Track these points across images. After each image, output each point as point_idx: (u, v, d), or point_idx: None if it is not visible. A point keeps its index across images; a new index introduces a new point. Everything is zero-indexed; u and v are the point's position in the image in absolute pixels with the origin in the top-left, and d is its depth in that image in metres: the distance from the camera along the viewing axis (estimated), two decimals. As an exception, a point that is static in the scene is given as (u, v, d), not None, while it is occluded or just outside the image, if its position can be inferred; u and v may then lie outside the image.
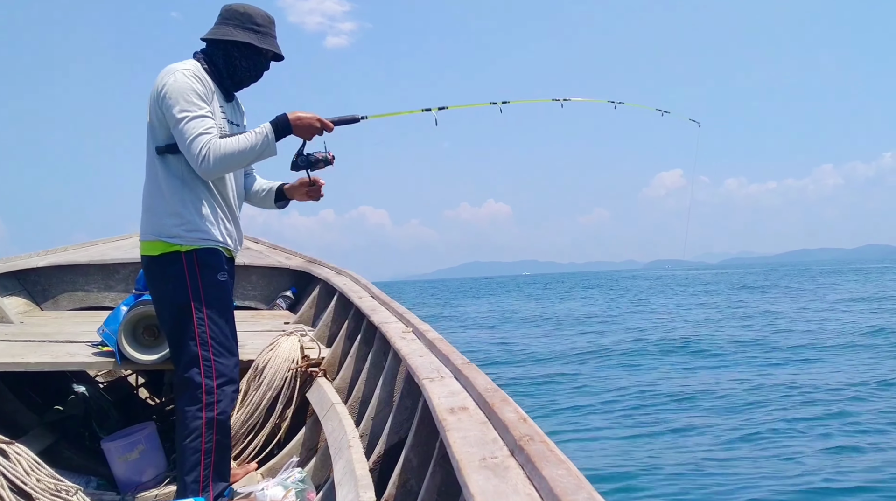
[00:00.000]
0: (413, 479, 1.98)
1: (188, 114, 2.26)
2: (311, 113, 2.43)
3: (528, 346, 16.76)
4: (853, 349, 13.91)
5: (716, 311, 25.98)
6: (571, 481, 1.08)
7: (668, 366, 12.74)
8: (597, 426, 8.38)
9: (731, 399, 9.44)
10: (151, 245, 2.40)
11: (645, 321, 23.16)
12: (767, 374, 11.34)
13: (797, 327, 18.66)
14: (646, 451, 7.10)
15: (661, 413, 8.86)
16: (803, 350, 14.02)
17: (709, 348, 14.79)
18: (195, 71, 2.36)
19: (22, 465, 2.21)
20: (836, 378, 10.64)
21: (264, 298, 5.19)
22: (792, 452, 6.83)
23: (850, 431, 7.51)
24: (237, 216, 2.57)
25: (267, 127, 2.37)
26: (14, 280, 4.73)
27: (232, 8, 2.47)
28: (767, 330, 18.07)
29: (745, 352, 14.02)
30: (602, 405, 9.50)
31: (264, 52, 2.48)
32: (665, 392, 10.19)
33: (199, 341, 2.37)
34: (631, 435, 7.82)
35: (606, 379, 11.54)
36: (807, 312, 23.55)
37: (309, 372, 3.29)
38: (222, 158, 2.27)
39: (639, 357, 14.03)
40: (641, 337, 17.55)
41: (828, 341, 15.17)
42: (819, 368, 11.82)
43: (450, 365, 2.07)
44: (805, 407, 8.67)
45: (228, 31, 2.43)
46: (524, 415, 1.44)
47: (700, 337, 16.76)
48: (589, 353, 14.78)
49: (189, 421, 2.35)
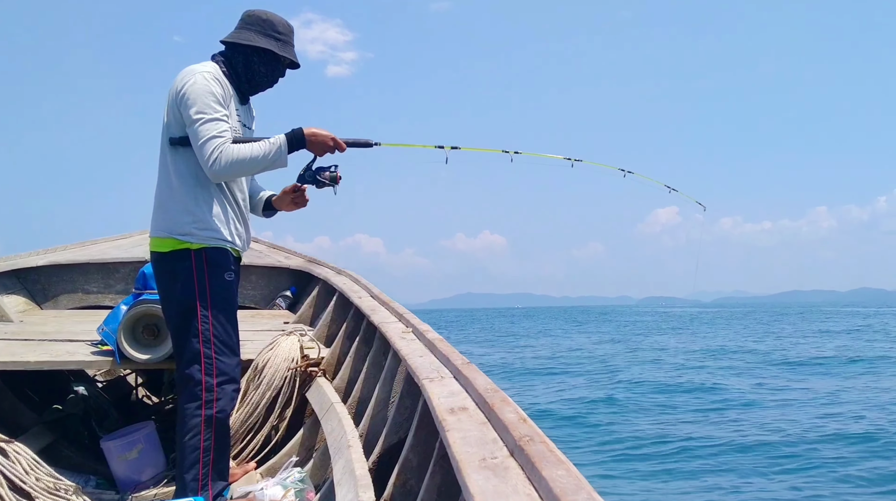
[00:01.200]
0: (413, 479, 1.98)
1: (204, 116, 2.28)
2: (327, 131, 2.46)
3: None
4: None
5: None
6: (571, 481, 1.08)
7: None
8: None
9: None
10: (162, 241, 2.41)
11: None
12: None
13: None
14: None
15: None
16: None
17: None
18: (215, 74, 2.38)
19: (21, 464, 2.21)
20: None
21: (264, 298, 5.19)
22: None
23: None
24: (247, 217, 2.59)
25: (281, 138, 2.38)
26: (14, 279, 4.73)
27: (254, 14, 2.49)
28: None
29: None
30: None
31: (283, 59, 2.51)
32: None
33: (203, 338, 2.38)
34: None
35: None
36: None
37: (308, 371, 3.29)
38: (233, 163, 2.29)
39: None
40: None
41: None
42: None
43: (450, 365, 2.07)
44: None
45: (250, 36, 2.45)
46: (524, 416, 1.44)
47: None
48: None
49: (188, 419, 2.36)
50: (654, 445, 9.16)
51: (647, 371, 18.27)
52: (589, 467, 7.72)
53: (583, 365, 20.51)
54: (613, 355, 23.71)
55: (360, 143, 2.58)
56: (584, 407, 12.29)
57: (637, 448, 9.02)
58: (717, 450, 8.76)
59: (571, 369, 19.44)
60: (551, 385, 15.72)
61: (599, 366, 19.92)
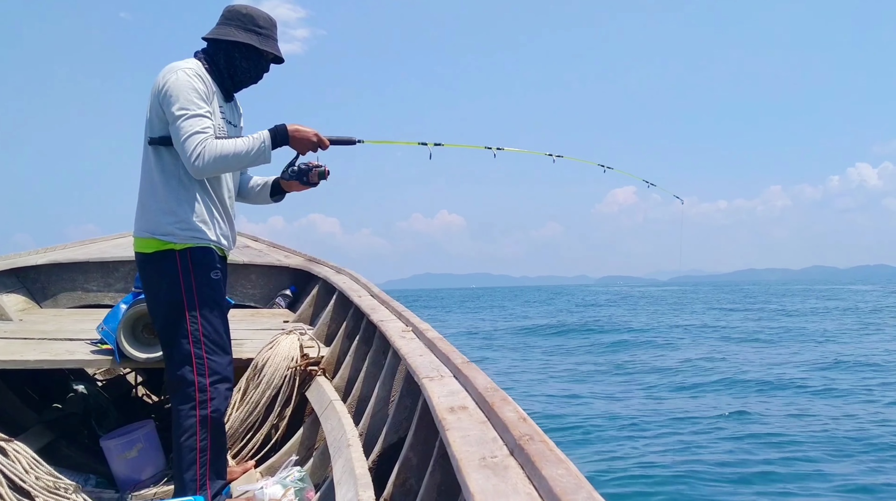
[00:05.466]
0: (412, 478, 1.98)
1: (186, 112, 2.26)
2: (310, 128, 2.46)
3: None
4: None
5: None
6: (571, 480, 1.08)
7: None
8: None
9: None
10: (145, 242, 2.40)
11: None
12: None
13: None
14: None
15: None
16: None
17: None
18: (197, 70, 2.36)
19: (21, 463, 2.21)
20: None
21: (263, 297, 5.19)
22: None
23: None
24: (231, 215, 2.58)
25: (265, 134, 2.38)
26: (13, 277, 4.73)
27: (234, 9, 2.49)
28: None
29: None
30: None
31: (265, 54, 2.50)
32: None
33: (192, 339, 2.37)
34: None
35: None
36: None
37: (308, 370, 3.29)
38: (216, 159, 2.28)
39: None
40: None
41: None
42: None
43: (449, 364, 2.07)
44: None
45: (231, 31, 2.44)
46: (524, 415, 1.44)
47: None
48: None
49: (183, 420, 2.36)
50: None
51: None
52: (588, 465, 7.77)
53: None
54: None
55: (344, 141, 2.60)
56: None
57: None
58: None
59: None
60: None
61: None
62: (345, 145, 2.62)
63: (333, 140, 2.55)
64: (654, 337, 22.32)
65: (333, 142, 2.55)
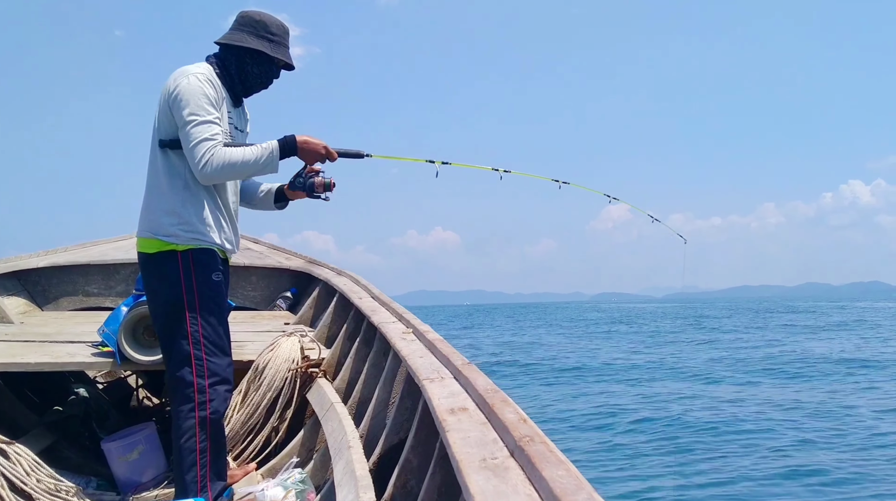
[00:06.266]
0: (413, 480, 1.98)
1: (197, 118, 2.27)
2: (319, 139, 2.47)
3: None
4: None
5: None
6: (571, 481, 1.08)
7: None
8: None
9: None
10: (148, 242, 2.41)
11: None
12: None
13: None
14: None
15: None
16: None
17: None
18: (208, 75, 2.37)
19: (22, 465, 2.22)
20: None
21: (264, 299, 5.20)
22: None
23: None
24: (235, 220, 2.59)
25: (273, 144, 2.39)
26: (14, 280, 4.73)
27: (248, 15, 2.49)
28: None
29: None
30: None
31: (276, 61, 2.51)
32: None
33: (192, 340, 2.37)
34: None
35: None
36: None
37: (309, 372, 3.29)
38: (223, 166, 2.29)
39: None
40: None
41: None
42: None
43: (450, 365, 2.07)
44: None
45: (243, 37, 2.45)
46: (524, 416, 1.44)
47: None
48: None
49: (182, 421, 2.36)
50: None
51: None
52: (589, 467, 7.77)
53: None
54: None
55: (352, 154, 2.61)
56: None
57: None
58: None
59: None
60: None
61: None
62: (353, 158, 2.62)
63: (342, 153, 2.56)
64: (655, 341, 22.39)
65: (342, 154, 2.56)
